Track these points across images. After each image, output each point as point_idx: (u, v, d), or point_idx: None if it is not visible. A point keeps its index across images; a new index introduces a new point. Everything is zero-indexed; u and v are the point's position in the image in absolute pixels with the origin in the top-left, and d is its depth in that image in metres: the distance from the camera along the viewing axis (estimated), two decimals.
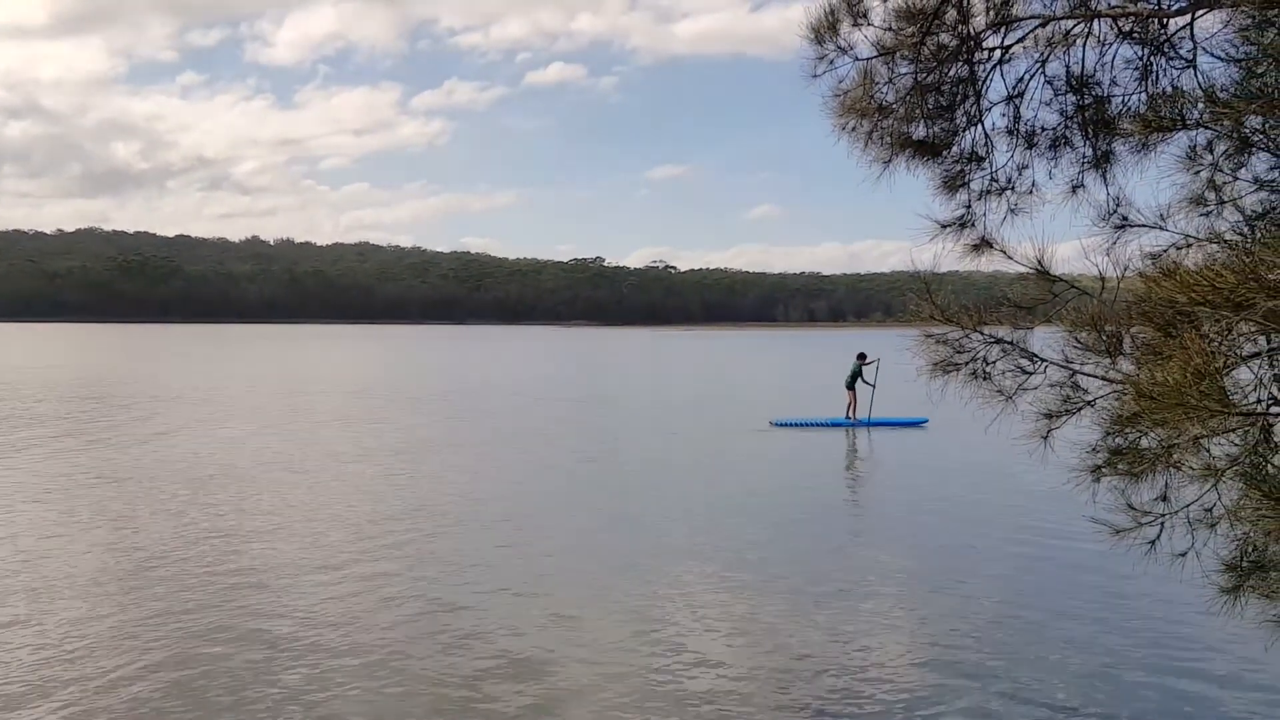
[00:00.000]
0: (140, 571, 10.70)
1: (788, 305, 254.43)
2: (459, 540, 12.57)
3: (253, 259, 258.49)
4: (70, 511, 13.94)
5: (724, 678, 7.76)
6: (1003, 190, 5.21)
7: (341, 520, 13.51)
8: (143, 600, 9.63)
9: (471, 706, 7.18)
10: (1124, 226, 4.86)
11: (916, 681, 7.72)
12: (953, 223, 5.09)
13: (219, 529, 12.81)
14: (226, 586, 10.14)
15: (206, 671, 7.76)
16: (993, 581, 10.66)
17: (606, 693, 7.45)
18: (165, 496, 15.04)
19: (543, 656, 8.20)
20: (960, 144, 5.14)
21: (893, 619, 9.33)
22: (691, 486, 16.74)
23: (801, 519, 14.01)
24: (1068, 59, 5.29)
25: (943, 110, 5.03)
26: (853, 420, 25.08)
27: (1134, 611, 9.39)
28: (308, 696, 7.30)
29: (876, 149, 5.03)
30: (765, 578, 10.70)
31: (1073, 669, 7.98)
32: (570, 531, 13.15)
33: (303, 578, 10.57)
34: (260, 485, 16.21)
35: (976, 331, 4.38)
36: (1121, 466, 4.31)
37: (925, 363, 4.46)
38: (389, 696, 7.34)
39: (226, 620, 9.04)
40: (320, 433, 23.96)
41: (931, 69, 4.91)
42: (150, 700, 7.19)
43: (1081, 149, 5.26)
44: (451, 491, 16.13)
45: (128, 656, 8.06)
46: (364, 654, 8.20)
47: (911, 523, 13.81)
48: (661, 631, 8.87)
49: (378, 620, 9.12)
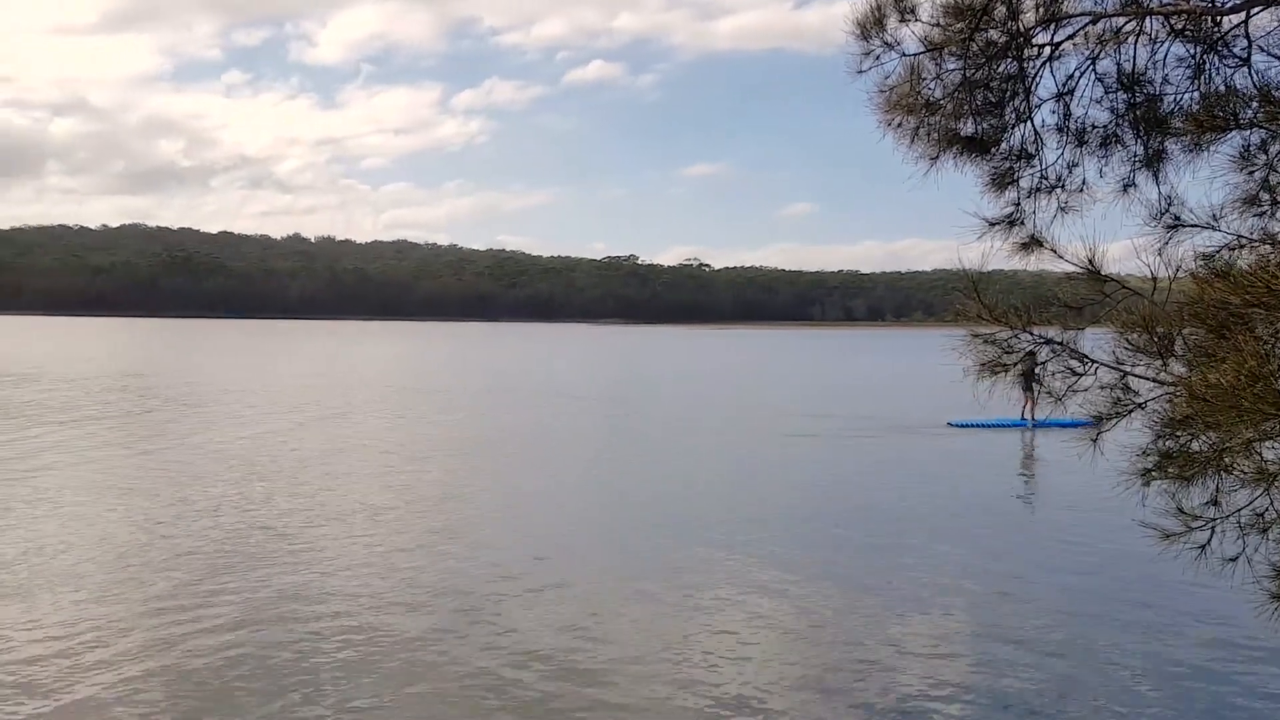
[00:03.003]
0: (181, 558, 10.84)
1: (824, 304, 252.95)
2: (530, 539, 12.63)
3: (294, 256, 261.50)
4: (116, 501, 14.15)
5: (776, 677, 7.74)
6: (1052, 188, 5.15)
7: (385, 513, 13.60)
8: (180, 587, 9.75)
9: (517, 698, 7.20)
10: (1176, 226, 4.79)
11: (960, 682, 7.66)
12: (1001, 220, 5.04)
13: (261, 521, 12.94)
14: (265, 578, 10.24)
15: (242, 664, 7.84)
16: (1039, 585, 10.54)
17: (658, 696, 7.45)
18: (212, 487, 15.23)
19: (598, 654, 8.22)
20: (1009, 141, 5.09)
21: (946, 621, 9.25)
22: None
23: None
24: (1119, 56, 5.22)
25: (991, 107, 4.98)
26: (1032, 421, 24.68)
27: (1182, 616, 9.24)
28: (345, 691, 7.36)
29: (923, 145, 4.99)
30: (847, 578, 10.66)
31: (1119, 673, 7.86)
32: (641, 531, 13.17)
33: (343, 571, 10.65)
34: (305, 477, 16.36)
35: (1026, 331, 4.33)
36: (1172, 470, 4.25)
37: (972, 363, 4.41)
38: (428, 692, 7.38)
39: (264, 612, 9.14)
40: (368, 427, 24.17)
41: (980, 65, 4.86)
42: (187, 685, 7.29)
43: (1133, 147, 5.19)
44: (529, 490, 16.21)
45: (165, 643, 8.17)
46: (403, 649, 8.25)
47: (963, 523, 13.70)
48: (731, 629, 8.86)
49: (417, 615, 9.17)
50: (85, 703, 7.01)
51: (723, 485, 17.00)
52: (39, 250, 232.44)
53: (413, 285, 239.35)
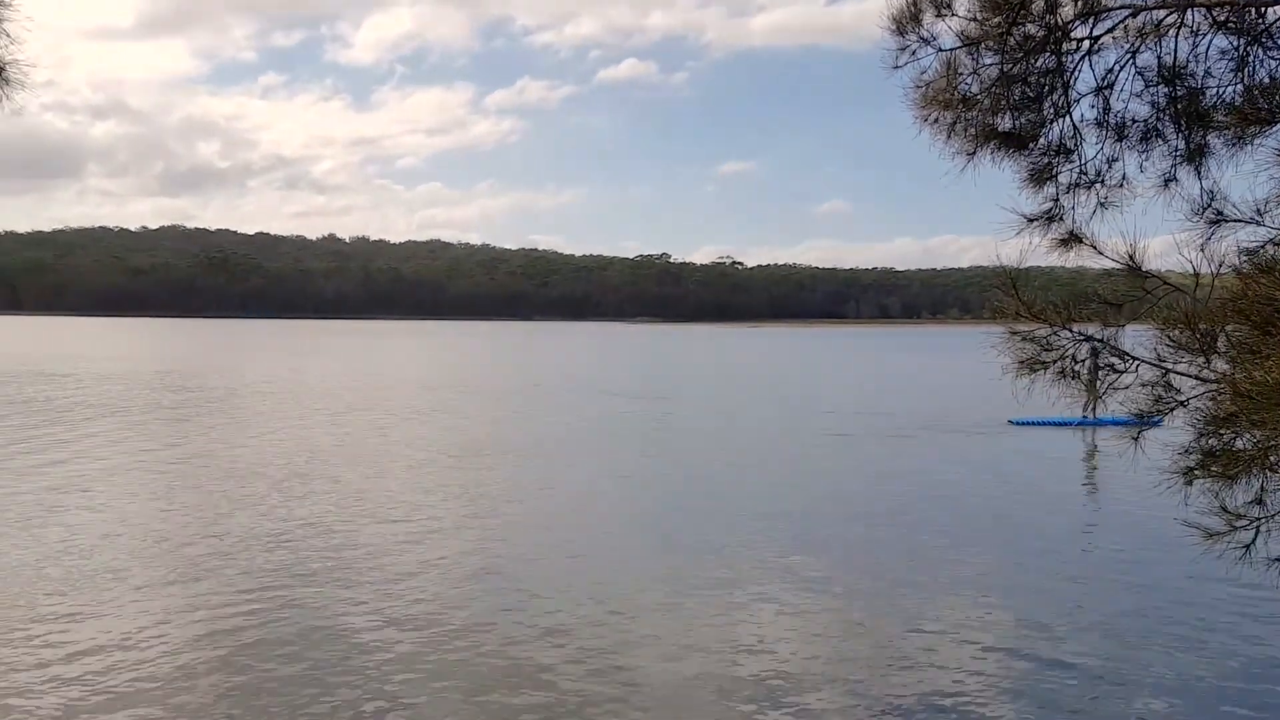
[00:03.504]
0: (219, 553, 10.98)
1: (859, 301, 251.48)
2: (569, 535, 12.68)
3: (329, 256, 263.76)
4: (153, 497, 14.37)
5: (810, 674, 7.72)
6: (1092, 183, 5.09)
7: (426, 511, 13.70)
8: (218, 586, 9.88)
9: (552, 690, 7.23)
10: (1219, 221, 4.72)
11: (1007, 684, 7.60)
12: (1040, 216, 4.98)
13: (299, 516, 13.07)
14: (305, 574, 10.35)
15: (281, 656, 7.93)
16: (1084, 586, 10.44)
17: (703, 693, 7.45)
18: (250, 483, 15.41)
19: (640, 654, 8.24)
20: (1048, 136, 5.03)
21: (983, 621, 9.19)
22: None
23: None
24: (1159, 49, 5.15)
25: (1029, 102, 4.93)
26: (1094, 418, 24.26)
27: (1226, 617, 9.11)
28: (386, 687, 7.42)
29: (960, 141, 4.95)
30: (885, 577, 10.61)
31: (1159, 673, 7.77)
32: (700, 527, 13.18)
33: (386, 569, 10.74)
34: (342, 474, 16.51)
35: (1065, 329, 4.28)
36: (1215, 469, 4.19)
37: (1010, 360, 4.37)
38: (465, 685, 7.43)
39: (302, 604, 9.24)
40: (408, 425, 24.35)
41: (1018, 60, 4.82)
42: (226, 683, 7.38)
43: (1174, 142, 5.12)
44: (586, 490, 16.27)
45: (201, 642, 8.28)
46: (444, 641, 8.31)
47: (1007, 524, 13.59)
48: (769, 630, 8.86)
49: (457, 609, 9.23)
50: (125, 695, 7.12)
51: (781, 483, 16.91)
52: (80, 251, 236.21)
53: (446, 285, 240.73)
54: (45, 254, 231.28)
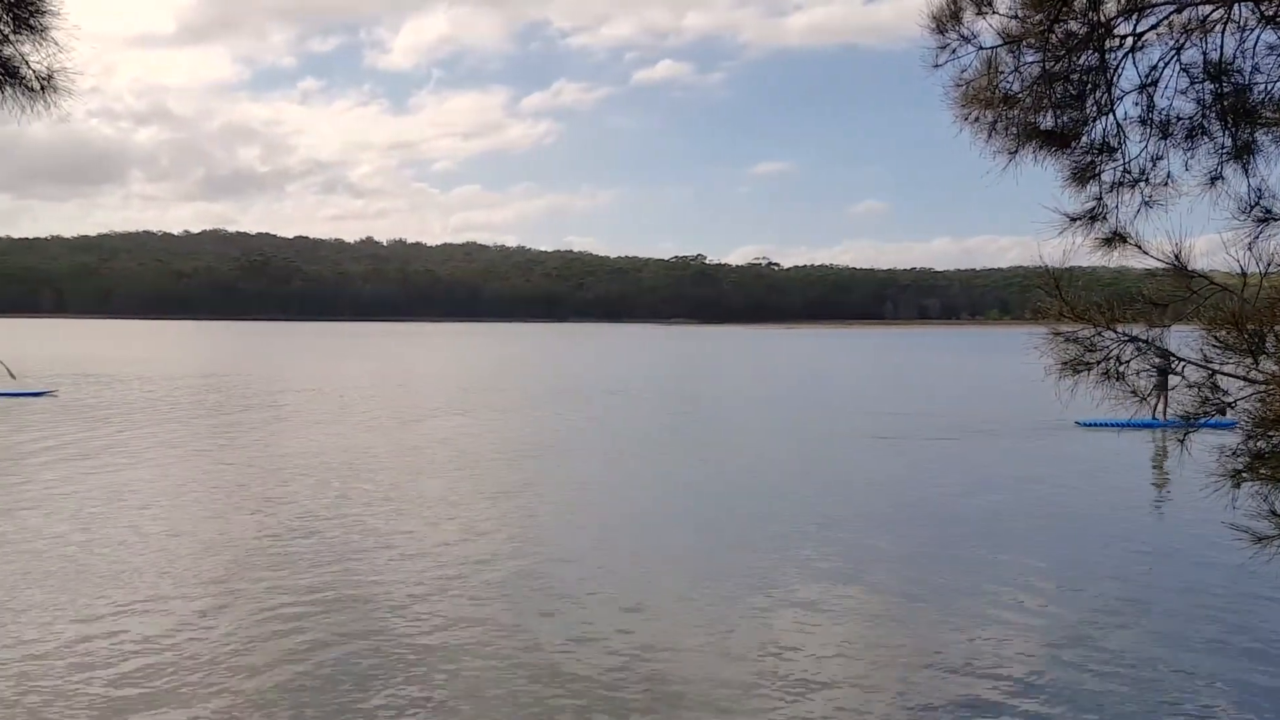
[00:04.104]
0: (262, 555, 11.12)
1: (897, 302, 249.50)
2: (608, 536, 12.72)
3: (367, 259, 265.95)
4: (200, 497, 14.58)
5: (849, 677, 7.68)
6: (1136, 182, 5.02)
7: (467, 511, 13.79)
8: (260, 583, 10.00)
9: (583, 689, 7.25)
10: (1267, 219, 4.65)
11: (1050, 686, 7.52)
12: (1083, 216, 4.92)
13: (339, 515, 13.21)
14: (342, 570, 10.46)
15: (319, 656, 8.02)
16: (1133, 586, 10.31)
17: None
18: (291, 483, 15.59)
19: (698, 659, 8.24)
20: (1090, 134, 4.97)
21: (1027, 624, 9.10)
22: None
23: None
24: (1205, 45, 5.07)
25: (1072, 99, 4.87)
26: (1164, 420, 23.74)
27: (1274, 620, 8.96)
28: (425, 684, 7.48)
29: (1001, 140, 4.90)
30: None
31: (1205, 677, 7.65)
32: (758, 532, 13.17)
33: (426, 569, 10.82)
34: (382, 474, 16.66)
35: (1109, 329, 4.23)
36: (1264, 471, 4.12)
37: (1053, 362, 4.32)
38: (507, 691, 7.47)
39: (341, 604, 9.33)
40: (453, 426, 24.52)
41: (1060, 57, 4.77)
42: (268, 679, 7.47)
43: (1220, 139, 5.04)
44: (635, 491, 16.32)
45: (243, 638, 8.39)
46: (486, 648, 8.36)
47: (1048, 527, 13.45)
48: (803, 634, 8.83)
49: (500, 613, 9.28)
50: (168, 692, 7.23)
51: (832, 486, 16.82)
52: (124, 255, 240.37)
53: (482, 286, 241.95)
54: (91, 258, 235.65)
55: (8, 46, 4.43)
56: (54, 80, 4.48)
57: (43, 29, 4.37)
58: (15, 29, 4.39)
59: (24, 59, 4.44)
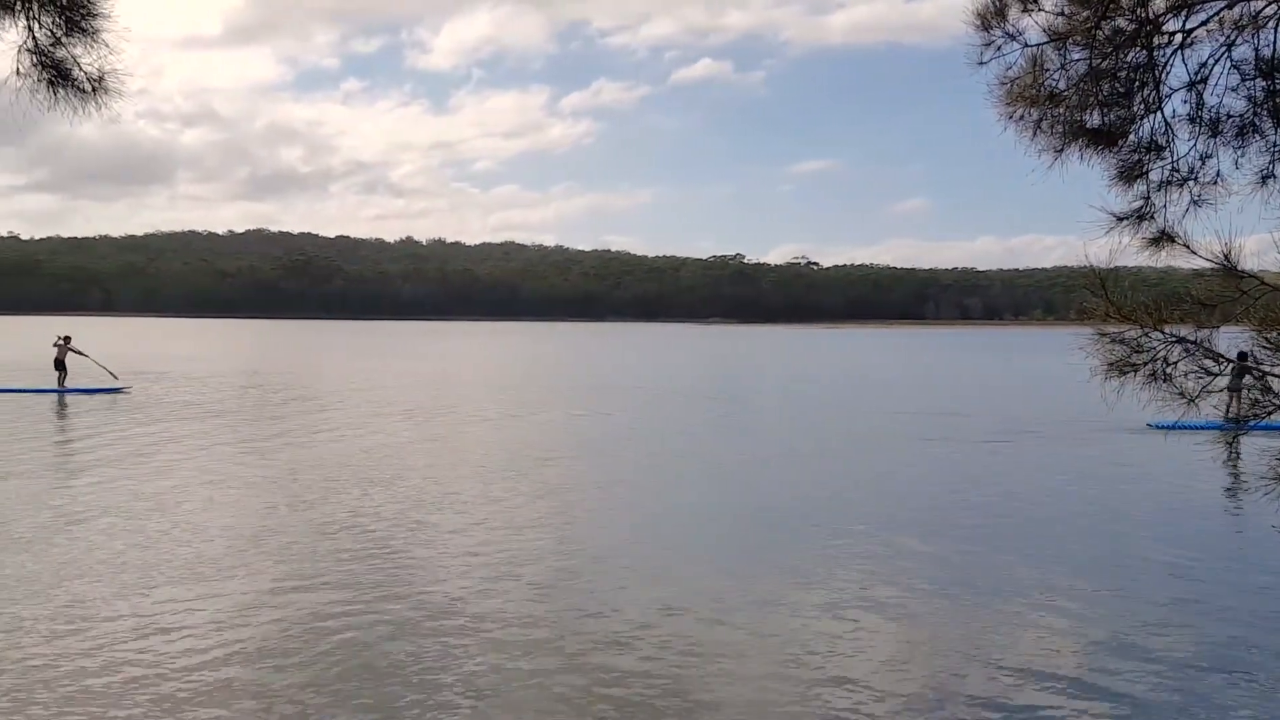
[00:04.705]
0: (305, 550, 11.26)
1: (938, 302, 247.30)
2: (653, 535, 12.75)
3: (407, 258, 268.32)
4: (246, 493, 14.79)
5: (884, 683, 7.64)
6: (1184, 181, 4.95)
7: (508, 510, 13.87)
8: (302, 579, 10.12)
9: (624, 699, 7.27)
10: None
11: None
12: (1130, 215, 4.86)
13: (379, 512, 13.33)
14: (381, 567, 10.56)
15: (358, 651, 8.10)
16: (1199, 585, 10.16)
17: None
18: (334, 478, 15.76)
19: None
20: (1138, 132, 4.90)
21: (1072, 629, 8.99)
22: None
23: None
24: (1257, 42, 4.98)
25: (1119, 97, 4.80)
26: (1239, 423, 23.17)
27: None
28: (462, 682, 7.54)
29: (1046, 138, 4.85)
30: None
31: (1248, 683, 7.52)
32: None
33: (467, 567, 10.90)
34: (423, 472, 16.79)
35: (1156, 330, 4.17)
36: None
37: (1099, 363, 4.26)
38: (544, 692, 7.51)
39: (379, 600, 9.42)
40: (493, 425, 24.68)
41: (1107, 54, 4.70)
42: (310, 674, 7.57)
43: (1272, 137, 4.95)
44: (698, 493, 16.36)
45: (284, 632, 8.50)
46: (525, 648, 8.41)
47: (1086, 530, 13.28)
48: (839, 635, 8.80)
49: (539, 613, 9.33)
50: (206, 686, 7.34)
51: (897, 486, 16.72)
52: (171, 254, 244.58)
53: (520, 286, 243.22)
54: (138, 257, 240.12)
55: (60, 49, 4.52)
56: (104, 82, 4.55)
57: (94, 31, 4.45)
58: (68, 31, 4.47)
59: (75, 61, 4.52)
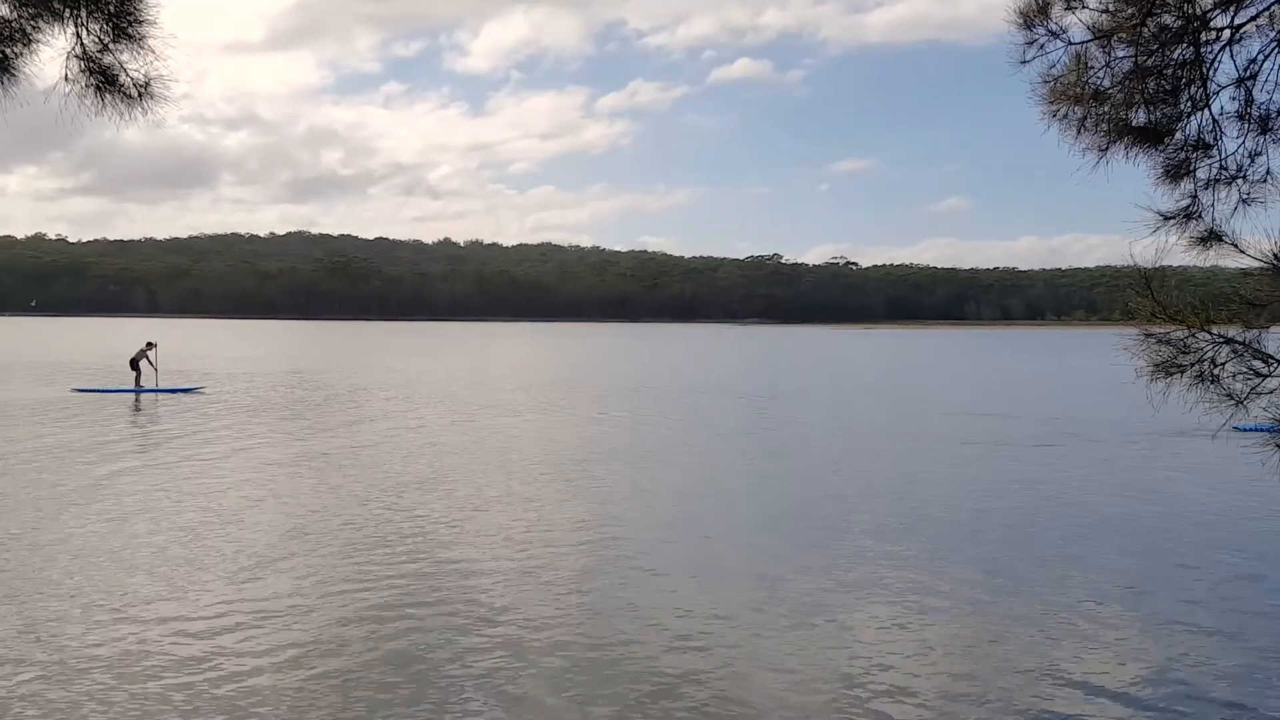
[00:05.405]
0: (348, 546, 11.37)
1: (979, 302, 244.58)
2: (691, 536, 12.75)
3: (444, 260, 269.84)
4: (287, 490, 14.97)
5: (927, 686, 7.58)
6: (1233, 179, 4.85)
7: (550, 510, 13.92)
8: (344, 575, 10.22)
9: (666, 703, 7.26)
10: None
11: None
12: (1177, 214, 4.77)
13: (417, 510, 13.43)
14: (418, 563, 10.64)
15: (394, 646, 8.16)
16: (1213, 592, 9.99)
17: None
18: (374, 476, 15.90)
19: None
20: (1185, 130, 4.81)
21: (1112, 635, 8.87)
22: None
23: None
24: None
25: (1165, 95, 4.72)
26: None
27: None
28: (500, 682, 7.57)
29: (1091, 137, 4.77)
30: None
31: None
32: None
33: (508, 568, 10.95)
34: (470, 473, 16.89)
35: (1204, 330, 4.09)
36: None
37: (1145, 364, 4.19)
38: (585, 694, 7.52)
39: (416, 596, 9.49)
40: (536, 425, 24.79)
41: (1153, 51, 4.62)
42: (347, 672, 7.63)
43: None
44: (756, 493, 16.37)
45: (326, 627, 8.58)
46: (562, 649, 8.43)
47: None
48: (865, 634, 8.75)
49: (580, 614, 9.36)
50: (243, 679, 7.43)
51: (967, 490, 16.66)
52: (214, 256, 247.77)
53: (557, 287, 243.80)
54: (182, 259, 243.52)
55: (108, 55, 4.59)
56: (150, 87, 4.62)
57: (140, 38, 4.52)
58: (115, 38, 4.55)
59: (122, 67, 4.59)
